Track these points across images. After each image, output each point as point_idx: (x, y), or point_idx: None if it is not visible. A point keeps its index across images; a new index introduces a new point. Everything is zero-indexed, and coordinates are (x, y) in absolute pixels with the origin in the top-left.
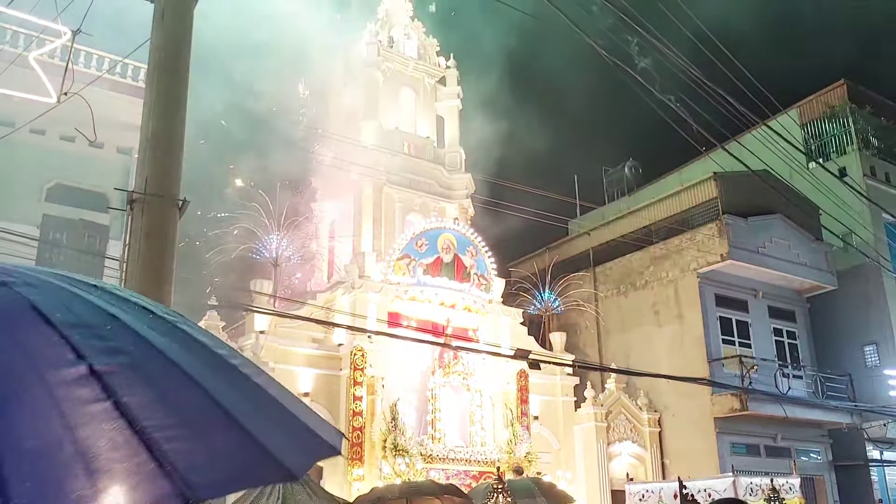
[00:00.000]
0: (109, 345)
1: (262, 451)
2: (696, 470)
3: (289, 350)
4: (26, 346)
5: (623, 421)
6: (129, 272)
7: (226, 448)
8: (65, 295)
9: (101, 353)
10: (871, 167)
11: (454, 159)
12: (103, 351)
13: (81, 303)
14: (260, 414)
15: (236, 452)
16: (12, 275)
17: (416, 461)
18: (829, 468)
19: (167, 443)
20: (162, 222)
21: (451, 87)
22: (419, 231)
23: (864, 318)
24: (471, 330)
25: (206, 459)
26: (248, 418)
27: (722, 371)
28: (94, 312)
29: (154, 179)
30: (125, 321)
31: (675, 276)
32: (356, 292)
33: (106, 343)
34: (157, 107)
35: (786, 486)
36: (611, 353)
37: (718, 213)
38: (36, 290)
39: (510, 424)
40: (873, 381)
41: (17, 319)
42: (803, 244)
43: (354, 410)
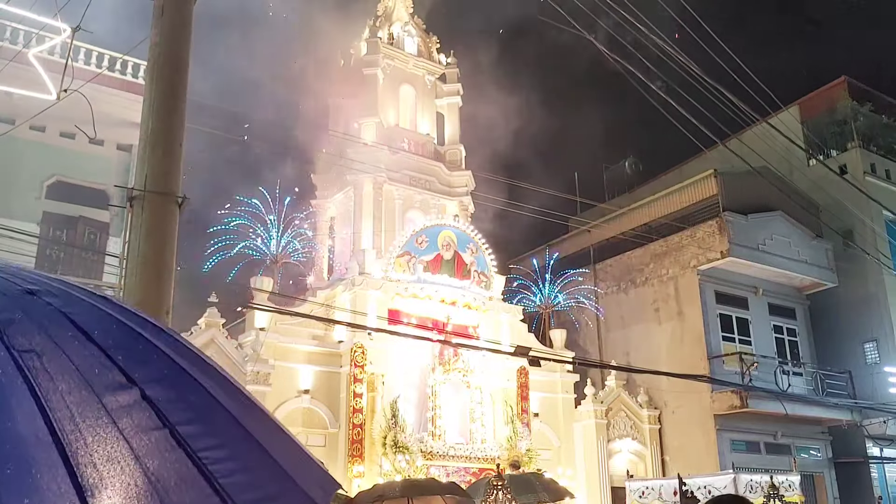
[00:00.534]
0: (149, 369)
1: (294, 484)
2: (696, 467)
3: (289, 347)
4: (79, 365)
5: (623, 418)
6: (128, 270)
7: (266, 482)
8: (90, 309)
9: (146, 378)
10: (872, 164)
11: (454, 156)
12: (148, 375)
13: (108, 319)
14: (280, 445)
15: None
16: (30, 281)
17: (417, 458)
18: (829, 465)
19: (223, 477)
20: (162, 219)
21: (451, 84)
22: (419, 228)
23: (865, 315)
24: (471, 327)
25: (255, 495)
26: (276, 450)
27: (722, 368)
28: (123, 332)
29: (154, 177)
30: (151, 339)
31: (676, 273)
32: (356, 289)
33: (146, 367)
34: (157, 104)
35: (786, 484)
36: (611, 350)
37: (719, 210)
38: (62, 302)
39: (510, 421)
40: (873, 378)
41: (63, 336)
42: (804, 241)
43: (355, 407)
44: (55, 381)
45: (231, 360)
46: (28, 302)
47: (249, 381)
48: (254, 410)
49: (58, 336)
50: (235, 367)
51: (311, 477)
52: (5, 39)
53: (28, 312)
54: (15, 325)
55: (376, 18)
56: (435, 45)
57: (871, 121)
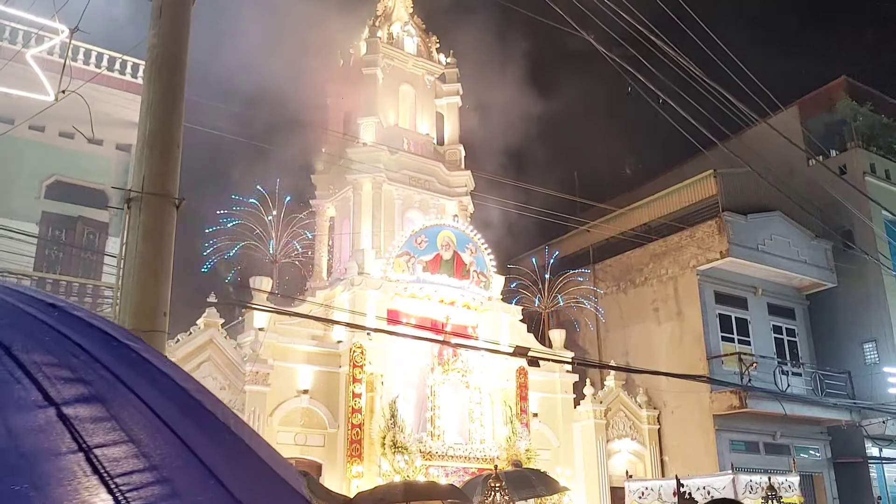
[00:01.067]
0: (78, 384)
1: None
2: (695, 467)
3: (288, 347)
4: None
5: (622, 418)
6: (125, 272)
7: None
8: (26, 319)
9: (69, 393)
10: (872, 164)
11: (454, 156)
12: (72, 391)
13: (44, 329)
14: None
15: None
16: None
17: (416, 458)
18: (828, 465)
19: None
20: (159, 221)
21: (450, 84)
22: (419, 228)
23: (864, 316)
24: (470, 327)
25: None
26: (225, 471)
27: (721, 368)
28: (58, 342)
29: (152, 178)
30: (92, 352)
31: (675, 273)
32: (356, 289)
33: (74, 382)
34: (155, 105)
35: (785, 485)
36: (610, 350)
37: (718, 210)
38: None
39: (509, 422)
40: (872, 378)
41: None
42: (803, 241)
43: (354, 407)
44: None
45: (230, 359)
46: None
47: (248, 381)
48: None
49: None
50: (234, 367)
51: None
52: (4, 39)
53: None
54: None
55: (376, 18)
56: (435, 45)
57: (870, 121)
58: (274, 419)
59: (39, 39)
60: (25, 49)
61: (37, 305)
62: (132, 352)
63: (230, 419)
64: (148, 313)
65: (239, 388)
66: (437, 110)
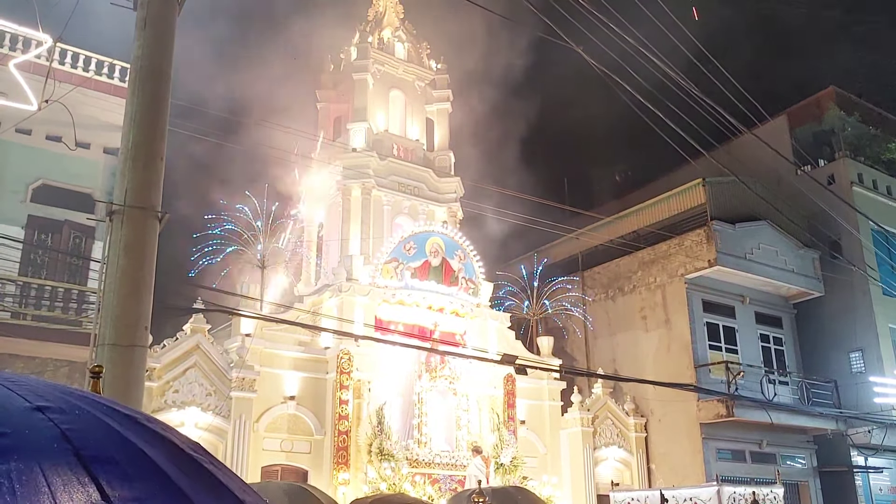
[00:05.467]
0: (135, 486)
1: None
2: (681, 475)
3: (275, 353)
4: (52, 478)
5: (609, 426)
6: (106, 284)
7: None
8: (98, 425)
9: (126, 495)
10: (859, 174)
11: (444, 162)
12: (128, 492)
13: (111, 434)
14: None
15: None
16: (48, 398)
17: (402, 466)
18: (813, 474)
19: None
20: (141, 235)
21: (441, 90)
22: (407, 234)
23: (851, 325)
24: (458, 334)
25: None
26: None
27: (708, 377)
28: (122, 447)
29: (134, 191)
30: (153, 457)
31: (663, 281)
32: (343, 295)
33: (131, 484)
34: (139, 117)
35: (770, 496)
36: (598, 357)
37: (707, 218)
38: (69, 418)
39: (496, 429)
40: (858, 387)
41: (46, 451)
42: (790, 250)
43: (340, 414)
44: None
45: (216, 365)
46: (27, 418)
47: (235, 386)
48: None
49: (42, 452)
50: (221, 373)
51: None
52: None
53: (20, 430)
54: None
55: (367, 23)
56: (425, 51)
57: (858, 131)
58: (260, 425)
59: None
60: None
61: (112, 416)
62: (188, 457)
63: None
64: (129, 327)
65: (225, 394)
66: (427, 116)
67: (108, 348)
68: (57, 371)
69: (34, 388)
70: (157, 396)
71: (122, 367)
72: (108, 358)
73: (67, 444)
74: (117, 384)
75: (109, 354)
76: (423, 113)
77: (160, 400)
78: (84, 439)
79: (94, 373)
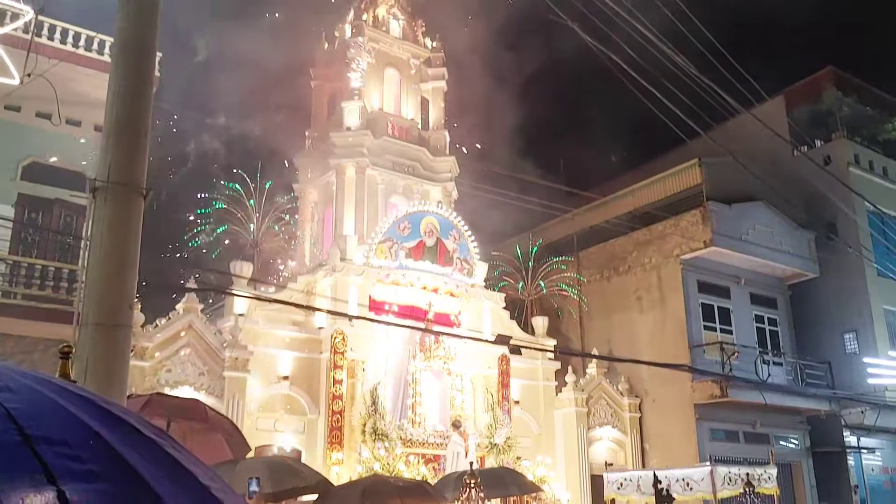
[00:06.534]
0: (86, 467)
1: None
2: (675, 455)
3: (268, 333)
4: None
5: (604, 406)
6: (90, 263)
7: None
8: (48, 405)
9: (75, 476)
10: (856, 155)
11: (439, 142)
12: (78, 474)
13: (64, 415)
14: None
15: None
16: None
17: (396, 445)
18: (806, 454)
19: None
20: (126, 212)
21: (436, 69)
22: (402, 214)
23: (845, 306)
24: (453, 314)
25: None
26: None
27: (703, 357)
28: (76, 428)
29: (118, 167)
30: (108, 440)
31: (659, 261)
32: (337, 275)
33: (82, 465)
34: (122, 91)
35: (763, 476)
36: (593, 337)
37: (703, 199)
38: (16, 397)
39: (491, 409)
40: (852, 368)
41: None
42: (786, 232)
43: (334, 394)
44: None
45: (209, 345)
46: None
47: (228, 366)
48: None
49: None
50: (214, 353)
51: None
52: None
53: None
54: None
55: (361, 1)
56: (421, 29)
57: (856, 111)
58: (253, 405)
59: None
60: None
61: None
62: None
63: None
64: (113, 307)
65: (218, 374)
66: (422, 95)
67: (91, 328)
68: (47, 351)
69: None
70: (149, 376)
71: (106, 347)
72: (91, 338)
73: (12, 423)
74: (101, 364)
75: (93, 334)
76: (418, 91)
77: (153, 379)
78: (31, 419)
79: (63, 353)
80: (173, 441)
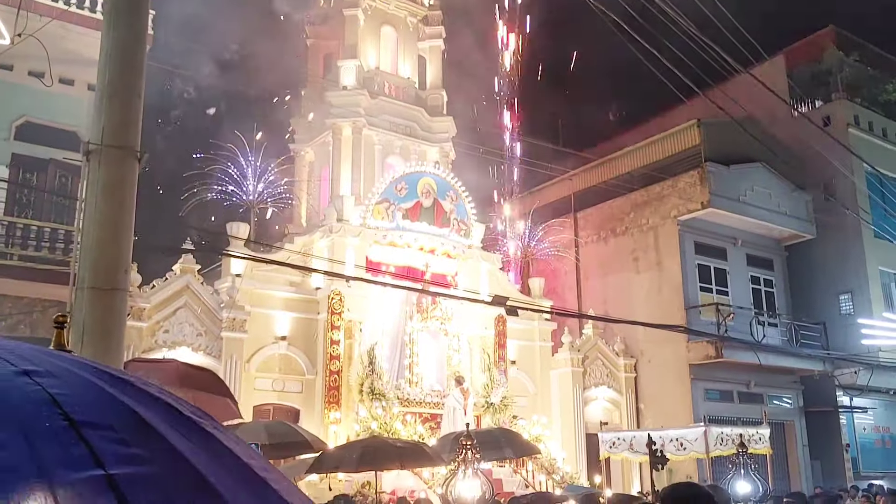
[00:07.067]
0: (132, 451)
1: None
2: (670, 415)
3: (266, 294)
4: (39, 446)
5: (599, 366)
6: (85, 227)
7: None
8: (90, 389)
9: (123, 460)
10: (856, 116)
11: (436, 101)
12: (125, 458)
13: (106, 399)
14: None
15: None
16: (35, 362)
17: (393, 405)
18: (799, 414)
19: None
20: (120, 175)
21: (433, 27)
22: (399, 175)
23: (841, 267)
24: (449, 275)
25: None
26: None
27: (698, 318)
28: (118, 412)
29: (112, 130)
30: (150, 422)
31: (656, 223)
32: (334, 236)
33: (128, 448)
34: (114, 53)
35: (756, 436)
36: (589, 298)
37: (700, 160)
38: (58, 382)
39: (487, 369)
40: (847, 329)
41: (33, 415)
42: (784, 193)
43: (332, 354)
44: None
45: (207, 306)
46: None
47: (225, 327)
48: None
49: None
50: (211, 314)
51: None
52: None
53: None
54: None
55: None
56: None
57: (857, 71)
58: (251, 365)
59: None
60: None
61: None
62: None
63: (295, 497)
64: (108, 270)
65: (216, 335)
66: (419, 54)
67: (87, 292)
68: (46, 311)
69: (20, 352)
70: (147, 336)
71: (103, 310)
72: (88, 301)
73: (56, 408)
74: (98, 328)
75: (89, 298)
76: (416, 51)
77: (150, 340)
78: (75, 404)
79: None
80: (212, 419)
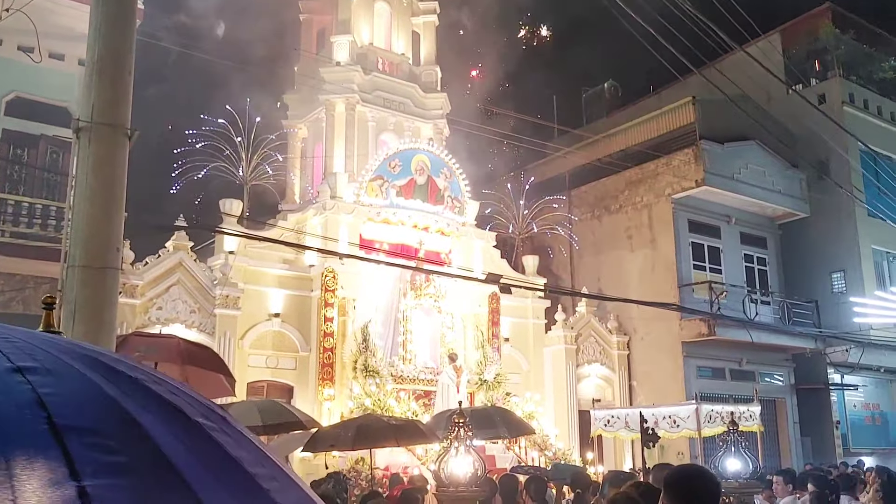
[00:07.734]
0: (114, 459)
1: None
2: (663, 393)
3: (259, 271)
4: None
5: (592, 343)
6: (75, 206)
7: None
8: (82, 386)
9: (101, 469)
10: (851, 94)
11: (430, 77)
12: (104, 466)
13: (97, 399)
14: None
15: None
16: (31, 354)
17: (387, 382)
18: (790, 391)
19: None
20: (111, 153)
21: (428, 2)
22: (393, 152)
23: (834, 246)
24: (443, 252)
25: None
26: None
27: (692, 296)
28: (108, 413)
29: (102, 107)
30: (146, 426)
31: (650, 200)
32: (327, 213)
33: (111, 456)
34: (104, 28)
35: (746, 414)
36: (583, 276)
37: (695, 138)
38: (51, 380)
39: (481, 346)
40: (839, 307)
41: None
42: (778, 171)
43: (325, 331)
44: None
45: (200, 283)
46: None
47: (219, 304)
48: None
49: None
50: (204, 291)
51: None
52: None
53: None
54: None
55: None
56: None
57: (853, 49)
58: (245, 342)
59: None
60: None
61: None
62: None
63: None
64: (99, 249)
65: (209, 312)
66: (413, 29)
67: (79, 270)
68: (38, 288)
69: (24, 346)
70: (140, 313)
71: (94, 289)
72: (79, 280)
73: (42, 411)
74: (89, 306)
75: (81, 276)
76: (410, 26)
77: (144, 317)
78: (63, 405)
79: (47, 304)
80: (223, 421)
